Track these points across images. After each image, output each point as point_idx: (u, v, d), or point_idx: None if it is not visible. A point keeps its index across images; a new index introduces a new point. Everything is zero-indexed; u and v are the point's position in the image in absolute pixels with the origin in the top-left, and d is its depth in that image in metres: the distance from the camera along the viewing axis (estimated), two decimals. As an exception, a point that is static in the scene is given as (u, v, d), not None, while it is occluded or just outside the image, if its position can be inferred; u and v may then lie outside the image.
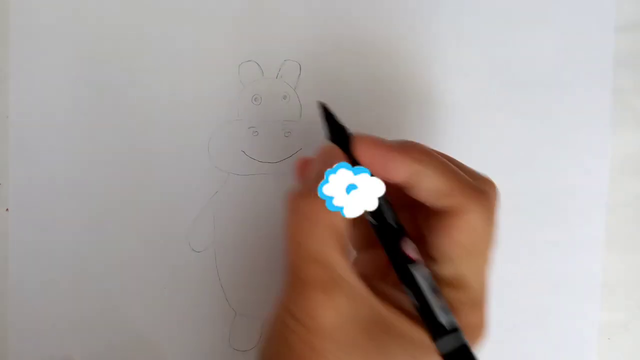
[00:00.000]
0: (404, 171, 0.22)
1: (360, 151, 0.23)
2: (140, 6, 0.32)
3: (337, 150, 0.24)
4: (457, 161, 0.25)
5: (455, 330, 0.22)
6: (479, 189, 0.23)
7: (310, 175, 0.24)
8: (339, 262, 0.22)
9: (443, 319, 0.22)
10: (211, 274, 0.32)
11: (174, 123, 0.32)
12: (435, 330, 0.22)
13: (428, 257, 0.24)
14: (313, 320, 0.22)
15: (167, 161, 0.32)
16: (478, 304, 0.24)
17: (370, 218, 0.23)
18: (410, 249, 0.23)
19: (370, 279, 0.23)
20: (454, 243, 0.23)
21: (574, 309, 0.34)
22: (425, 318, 0.22)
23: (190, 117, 0.32)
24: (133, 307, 0.32)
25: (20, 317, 0.31)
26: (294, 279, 0.23)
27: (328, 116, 0.25)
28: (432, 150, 0.24)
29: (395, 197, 0.24)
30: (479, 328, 0.24)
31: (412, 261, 0.23)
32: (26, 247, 0.31)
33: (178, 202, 0.32)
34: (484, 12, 0.33)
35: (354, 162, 0.23)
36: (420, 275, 0.22)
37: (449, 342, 0.21)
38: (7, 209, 0.31)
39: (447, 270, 0.23)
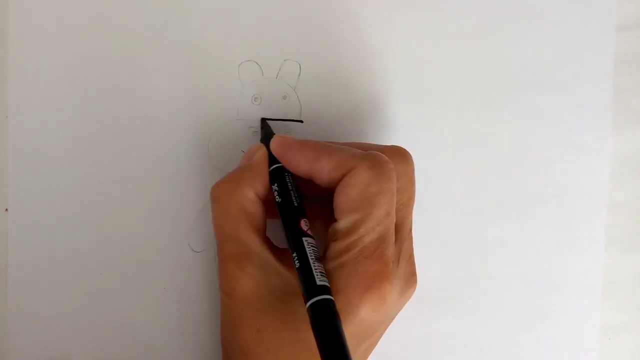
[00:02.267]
0: (304, 160, 0.27)
1: (272, 148, 0.28)
2: (140, 6, 0.32)
3: (260, 148, 0.29)
4: (364, 144, 0.29)
5: (327, 292, 0.24)
6: (366, 153, 0.27)
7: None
8: (250, 238, 0.27)
9: (320, 282, 0.24)
10: (211, 274, 0.32)
11: (174, 123, 0.32)
12: (311, 290, 0.24)
13: (333, 221, 0.27)
14: (232, 289, 0.27)
15: (167, 161, 0.32)
16: (374, 252, 0.26)
17: (277, 196, 0.27)
18: (303, 223, 0.26)
19: (283, 252, 0.28)
20: (346, 197, 0.26)
21: (574, 309, 0.34)
22: (304, 280, 0.25)
23: (190, 117, 0.32)
24: (133, 307, 0.32)
25: (19, 317, 0.31)
26: (219, 258, 0.28)
27: (264, 124, 0.31)
28: (329, 142, 0.29)
29: (312, 193, 0.29)
30: (379, 275, 0.26)
31: (304, 233, 0.26)
32: (25, 247, 0.31)
33: (178, 202, 0.32)
34: (484, 11, 0.33)
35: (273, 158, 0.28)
36: (308, 244, 0.26)
37: (318, 301, 0.24)
38: (6, 209, 0.31)
39: (344, 223, 0.26)
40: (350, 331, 0.25)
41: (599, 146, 0.34)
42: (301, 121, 0.32)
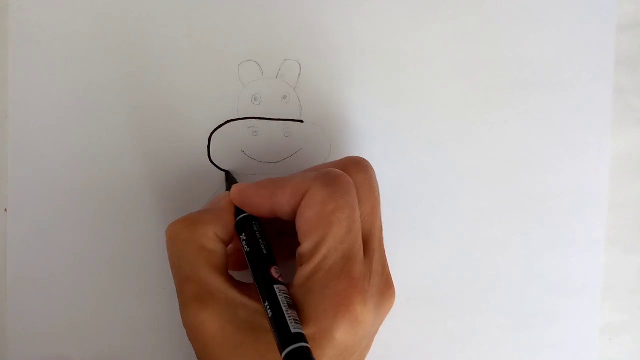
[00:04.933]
0: (262, 200, 0.27)
1: (232, 198, 0.28)
2: (140, 6, 0.32)
3: (227, 196, 0.28)
4: (319, 166, 0.29)
5: (303, 340, 0.24)
6: (319, 172, 0.26)
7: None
8: (210, 276, 0.26)
9: (294, 329, 0.24)
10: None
11: (173, 123, 0.32)
12: (286, 339, 0.24)
13: (297, 246, 0.26)
14: (199, 334, 0.25)
15: (167, 161, 0.32)
16: (341, 272, 0.25)
17: (245, 246, 0.27)
18: (274, 271, 0.26)
19: (248, 286, 0.27)
20: (305, 219, 0.26)
21: (574, 309, 0.34)
22: (278, 328, 0.24)
23: (190, 117, 0.32)
24: (132, 307, 0.32)
25: (19, 317, 0.31)
26: (179, 299, 0.26)
27: (228, 177, 0.32)
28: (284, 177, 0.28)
29: (277, 228, 0.29)
30: (349, 295, 0.25)
31: (275, 280, 0.26)
32: (25, 247, 0.31)
33: (178, 202, 0.32)
34: (485, 11, 0.33)
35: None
36: (280, 292, 0.25)
37: (294, 350, 0.23)
38: (5, 209, 0.31)
39: (306, 245, 0.26)
40: (329, 356, 0.25)
41: (599, 146, 0.34)
42: (301, 121, 0.32)
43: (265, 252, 0.27)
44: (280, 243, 0.28)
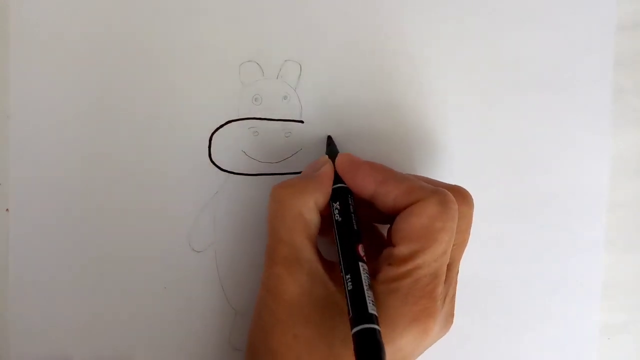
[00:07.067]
0: (371, 181, 0.27)
1: (338, 165, 0.29)
2: (140, 6, 0.32)
3: (328, 162, 0.29)
4: (426, 178, 0.29)
5: (376, 322, 0.24)
6: (436, 188, 0.27)
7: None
8: (303, 244, 0.27)
9: (370, 310, 0.24)
10: (211, 274, 0.32)
11: (174, 123, 0.32)
12: (361, 317, 0.24)
13: (388, 245, 0.27)
14: (277, 291, 0.27)
15: (168, 161, 0.32)
16: (426, 287, 0.26)
17: (336, 215, 0.27)
18: (360, 248, 0.27)
19: (332, 265, 0.28)
20: (409, 224, 0.26)
21: (574, 309, 0.34)
22: (355, 305, 0.25)
23: (190, 117, 0.32)
24: (133, 307, 0.32)
25: (20, 317, 0.31)
26: (268, 258, 0.28)
27: (330, 142, 0.32)
28: (397, 171, 0.29)
29: (366, 216, 0.29)
30: (427, 310, 0.26)
31: (360, 258, 0.26)
32: (26, 247, 0.31)
33: (178, 202, 0.32)
34: (484, 12, 0.33)
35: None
36: (364, 270, 0.26)
37: (367, 329, 0.24)
38: (7, 209, 0.31)
39: (403, 250, 0.26)
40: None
41: (599, 146, 0.34)
42: (301, 121, 0.32)
43: (355, 228, 0.27)
44: None
